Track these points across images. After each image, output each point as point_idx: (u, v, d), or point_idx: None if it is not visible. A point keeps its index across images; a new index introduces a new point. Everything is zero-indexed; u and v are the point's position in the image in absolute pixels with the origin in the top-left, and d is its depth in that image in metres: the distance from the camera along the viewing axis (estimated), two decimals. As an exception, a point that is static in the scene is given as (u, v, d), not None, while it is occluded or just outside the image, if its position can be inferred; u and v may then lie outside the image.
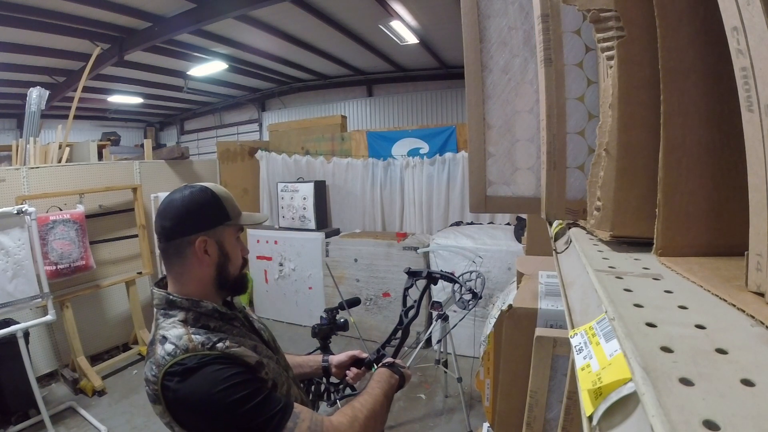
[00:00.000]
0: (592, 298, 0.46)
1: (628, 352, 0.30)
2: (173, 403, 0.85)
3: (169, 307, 0.95)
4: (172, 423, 0.88)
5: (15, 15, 4.69)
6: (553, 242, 0.84)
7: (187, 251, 0.95)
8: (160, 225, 0.96)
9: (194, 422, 0.86)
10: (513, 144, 0.94)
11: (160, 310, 0.96)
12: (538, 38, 0.77)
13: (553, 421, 0.94)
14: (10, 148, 4.06)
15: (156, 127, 13.29)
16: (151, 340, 0.94)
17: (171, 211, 0.95)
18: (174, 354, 0.86)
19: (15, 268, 2.84)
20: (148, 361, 0.91)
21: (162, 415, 0.89)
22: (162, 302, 0.95)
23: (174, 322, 0.92)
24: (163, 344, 0.88)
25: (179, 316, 0.93)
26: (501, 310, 1.25)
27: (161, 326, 0.92)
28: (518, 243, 3.63)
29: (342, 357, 1.40)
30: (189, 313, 0.93)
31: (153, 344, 0.91)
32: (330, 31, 6.15)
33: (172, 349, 0.87)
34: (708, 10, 0.45)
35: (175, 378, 0.84)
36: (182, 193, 0.97)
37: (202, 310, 0.94)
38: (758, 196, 0.34)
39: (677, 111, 0.48)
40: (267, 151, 5.61)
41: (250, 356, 0.91)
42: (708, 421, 0.22)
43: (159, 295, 0.96)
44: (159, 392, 0.86)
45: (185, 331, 0.90)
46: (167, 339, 0.89)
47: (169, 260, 0.97)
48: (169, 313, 0.94)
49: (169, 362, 0.85)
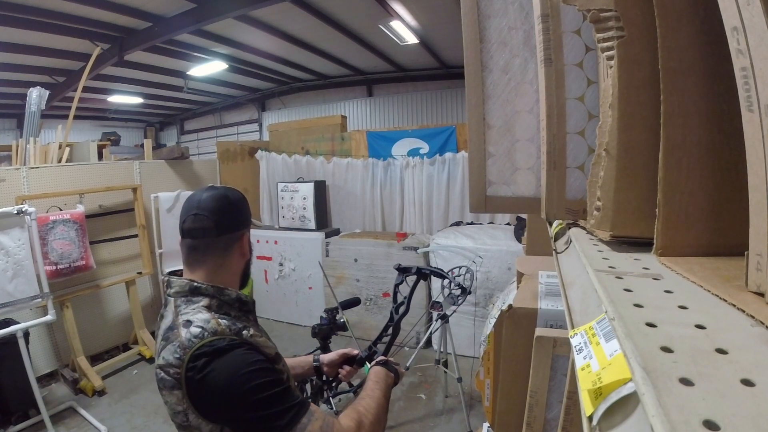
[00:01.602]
0: (592, 298, 0.46)
1: (628, 352, 0.30)
2: (197, 385, 0.85)
3: (192, 294, 0.97)
4: (189, 410, 0.87)
5: (15, 15, 4.69)
6: (553, 242, 0.84)
7: (235, 245, 1.02)
8: (211, 220, 0.98)
9: (215, 405, 0.86)
10: (513, 144, 0.94)
11: (180, 298, 0.97)
12: (538, 38, 0.77)
13: (553, 421, 0.94)
14: (10, 148, 4.06)
15: (156, 127, 13.29)
16: (169, 326, 0.93)
17: (223, 207, 1.00)
18: (202, 336, 0.87)
19: (15, 268, 2.84)
20: (168, 345, 0.90)
21: (178, 402, 0.88)
22: (184, 289, 0.97)
23: (198, 307, 0.94)
24: (188, 327, 0.89)
25: (203, 302, 0.95)
26: (501, 310, 1.25)
27: (183, 312, 0.93)
28: (518, 243, 3.63)
29: (333, 356, 1.42)
30: (213, 300, 0.97)
31: (174, 329, 0.91)
32: (330, 31, 6.15)
33: (199, 332, 0.88)
34: (708, 10, 0.45)
35: (204, 358, 0.85)
36: (223, 191, 1.03)
37: (226, 298, 0.98)
38: (758, 196, 0.34)
39: (677, 111, 0.48)
40: (267, 151, 5.61)
41: (270, 347, 0.95)
42: (708, 421, 0.22)
43: (180, 283, 0.98)
44: (182, 375, 0.86)
45: (211, 316, 0.92)
46: (192, 323, 0.90)
47: (209, 254, 1.00)
48: (193, 300, 0.96)
49: (197, 344, 0.86)
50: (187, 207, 1.01)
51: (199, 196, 1.01)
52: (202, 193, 1.02)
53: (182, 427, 0.91)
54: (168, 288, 1.00)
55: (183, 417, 0.89)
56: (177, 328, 0.91)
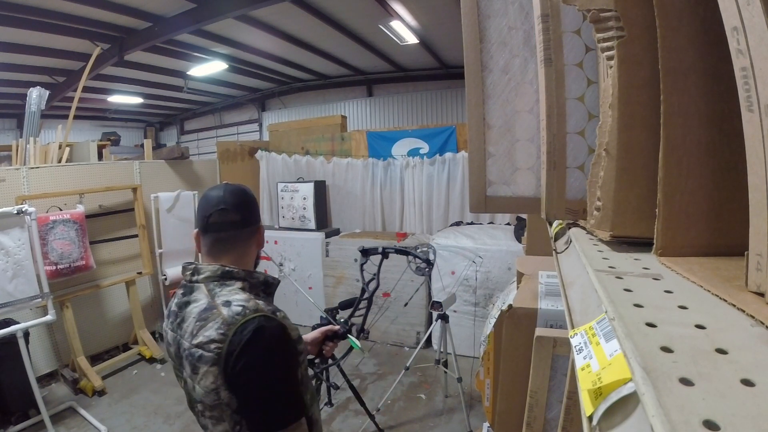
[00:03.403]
0: (592, 298, 0.46)
1: (628, 352, 0.30)
2: (236, 359, 0.90)
3: (224, 278, 1.04)
4: (221, 387, 0.92)
5: (15, 15, 4.69)
6: (553, 242, 0.84)
7: (254, 236, 1.13)
8: (239, 214, 1.08)
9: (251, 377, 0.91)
10: (513, 144, 0.94)
11: (211, 282, 1.03)
12: (538, 38, 0.77)
13: (553, 421, 0.94)
14: (10, 148, 4.06)
15: (156, 127, 13.29)
16: (205, 307, 0.98)
17: (245, 202, 1.11)
18: (244, 314, 0.94)
19: (15, 268, 2.84)
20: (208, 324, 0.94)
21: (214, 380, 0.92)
22: (216, 274, 1.04)
23: (234, 289, 1.02)
24: (228, 306, 0.96)
25: (237, 285, 1.03)
26: (501, 310, 1.25)
27: (220, 294, 1.00)
28: (518, 243, 3.63)
29: (315, 334, 1.51)
30: (245, 282, 1.05)
31: (212, 309, 0.96)
32: (330, 31, 6.15)
33: (240, 309, 0.95)
34: (708, 10, 0.45)
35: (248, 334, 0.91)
36: (242, 188, 1.13)
37: (254, 281, 1.07)
38: (758, 196, 0.34)
39: (677, 111, 0.48)
40: (267, 151, 5.61)
41: (295, 329, 1.02)
42: (708, 421, 0.22)
43: (212, 268, 1.04)
44: (224, 350, 0.91)
45: (248, 296, 1.00)
46: (231, 302, 0.97)
47: (235, 244, 1.09)
48: (226, 283, 1.03)
49: (241, 320, 0.92)
50: (209, 203, 1.08)
51: (220, 192, 1.08)
52: (221, 189, 1.09)
53: (211, 407, 0.95)
54: (195, 275, 1.05)
55: (215, 396, 0.93)
56: (216, 308, 0.96)
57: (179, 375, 1.06)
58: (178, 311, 1.04)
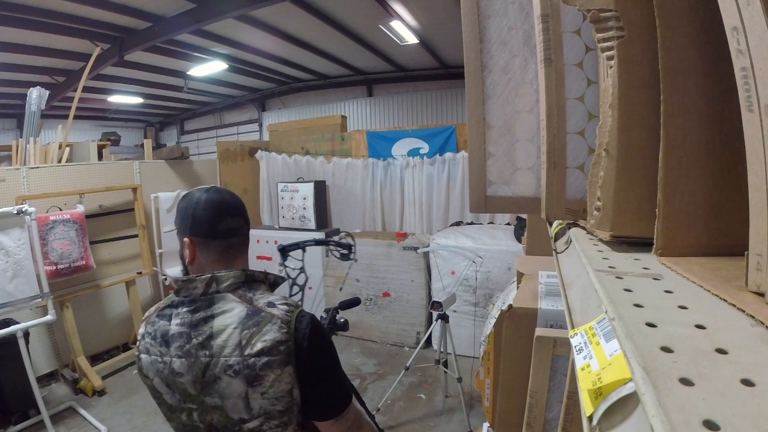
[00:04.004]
0: (592, 298, 0.46)
1: (628, 352, 0.30)
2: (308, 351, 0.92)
3: (249, 282, 1.00)
4: (295, 386, 0.91)
5: (15, 15, 4.69)
6: (553, 242, 0.84)
7: (246, 243, 1.09)
8: (244, 218, 1.06)
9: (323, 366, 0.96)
10: (513, 144, 0.94)
11: (238, 289, 0.97)
12: (538, 38, 0.77)
13: (553, 421, 0.94)
14: (10, 148, 4.06)
15: (156, 127, 13.29)
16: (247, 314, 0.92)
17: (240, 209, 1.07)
18: (292, 310, 0.95)
19: (15, 268, 2.84)
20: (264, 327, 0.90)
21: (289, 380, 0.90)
22: (240, 280, 0.98)
23: (263, 292, 1.00)
24: (274, 307, 0.94)
25: (263, 287, 1.02)
26: (501, 310, 1.25)
27: (256, 297, 0.96)
28: (518, 243, 3.63)
29: None
30: (265, 284, 1.04)
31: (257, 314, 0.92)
32: (330, 31, 6.15)
33: (286, 308, 0.95)
34: (708, 10, 0.45)
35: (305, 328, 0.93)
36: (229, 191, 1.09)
37: (270, 281, 1.06)
38: (758, 196, 0.34)
39: (677, 111, 0.48)
40: (267, 151, 5.61)
41: None
42: (708, 421, 0.22)
43: (235, 274, 0.98)
44: (292, 347, 0.90)
45: (279, 295, 1.00)
46: (274, 303, 0.95)
47: (243, 248, 1.07)
48: (254, 287, 1.00)
49: (294, 315, 0.94)
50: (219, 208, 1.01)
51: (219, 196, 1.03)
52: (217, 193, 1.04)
53: (281, 413, 0.91)
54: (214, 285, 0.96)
55: (288, 398, 0.91)
56: (263, 311, 0.93)
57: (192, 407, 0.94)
58: (190, 330, 0.93)
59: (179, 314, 0.96)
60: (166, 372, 0.94)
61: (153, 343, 0.97)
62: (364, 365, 3.94)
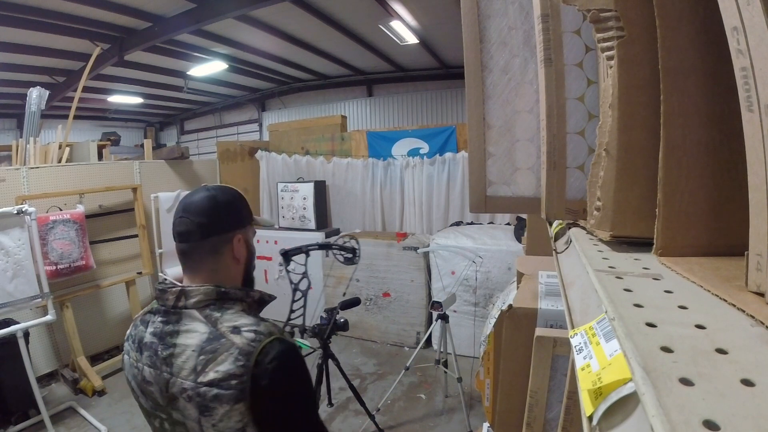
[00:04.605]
0: (592, 298, 0.46)
1: (628, 352, 0.30)
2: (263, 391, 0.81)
3: (221, 301, 0.90)
4: (248, 426, 0.82)
5: (15, 15, 4.69)
6: (553, 242, 0.84)
7: (225, 248, 0.95)
8: (195, 223, 0.92)
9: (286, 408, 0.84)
10: (513, 144, 0.94)
11: (206, 307, 0.89)
12: (538, 38, 0.77)
13: (553, 421, 0.94)
14: (10, 148, 4.06)
15: (156, 127, 13.29)
16: (207, 338, 0.85)
17: (207, 208, 0.94)
18: (259, 340, 0.83)
19: (15, 268, 2.84)
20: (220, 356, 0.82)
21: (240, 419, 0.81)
22: (211, 296, 0.90)
23: (235, 313, 0.89)
24: (238, 334, 0.84)
25: (238, 307, 0.91)
26: (501, 310, 1.25)
27: (222, 320, 0.87)
28: (518, 243, 3.63)
29: None
30: (244, 303, 0.93)
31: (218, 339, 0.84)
32: (330, 31, 6.15)
33: (253, 336, 0.84)
34: (708, 10, 0.45)
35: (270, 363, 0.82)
36: (212, 192, 0.97)
37: (250, 300, 0.95)
38: (758, 196, 0.34)
39: (677, 111, 0.48)
40: (267, 151, 5.61)
41: None
42: (708, 421, 0.22)
43: (206, 290, 0.90)
44: (247, 383, 0.80)
45: (255, 319, 0.89)
46: (240, 328, 0.85)
47: (201, 258, 0.94)
48: (224, 306, 0.90)
49: (259, 347, 0.82)
50: (179, 210, 0.95)
51: (188, 198, 0.96)
52: (192, 194, 0.97)
53: None
54: (183, 299, 0.89)
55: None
56: (225, 337, 0.83)
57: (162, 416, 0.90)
58: (159, 342, 0.88)
59: (153, 323, 0.92)
60: (140, 378, 0.91)
61: (132, 347, 0.94)
62: (364, 365, 3.94)
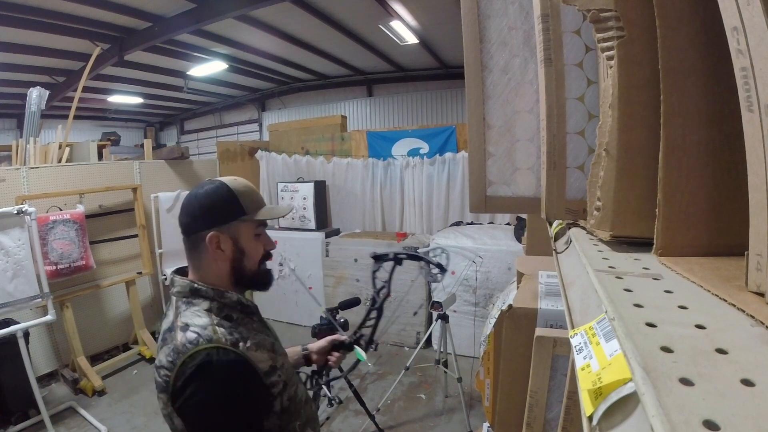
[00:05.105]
0: (592, 298, 0.46)
1: (628, 352, 0.30)
2: (179, 393, 0.84)
3: (192, 296, 0.94)
4: (173, 414, 0.87)
5: (15, 15, 4.69)
6: (553, 242, 0.84)
7: (201, 246, 0.96)
8: (180, 220, 0.99)
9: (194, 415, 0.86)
10: (513, 144, 0.94)
11: (181, 298, 0.95)
12: (538, 38, 0.77)
13: (553, 421, 0.94)
14: (10, 148, 4.06)
15: (156, 127, 13.28)
16: (169, 327, 0.92)
17: (188, 207, 0.97)
18: (196, 342, 0.86)
19: (15, 268, 2.84)
20: (165, 347, 0.89)
21: (165, 406, 0.88)
22: (185, 290, 0.95)
23: (198, 311, 0.92)
24: (185, 332, 0.88)
25: (204, 306, 0.93)
26: (501, 310, 1.25)
27: (183, 314, 0.91)
28: (518, 243, 3.63)
29: (322, 343, 1.42)
30: (213, 302, 0.94)
31: (172, 331, 0.90)
32: (330, 31, 6.15)
33: (194, 337, 0.86)
34: (708, 10, 0.45)
35: (192, 369, 0.84)
36: (200, 190, 0.99)
37: (226, 301, 0.95)
38: (758, 196, 0.34)
39: (677, 111, 0.48)
40: (267, 151, 5.61)
41: (264, 361, 0.92)
42: (708, 421, 0.22)
43: (182, 283, 0.96)
44: (171, 380, 0.85)
45: (210, 321, 0.90)
46: (189, 327, 0.88)
47: (189, 253, 0.99)
48: (193, 302, 0.93)
49: (191, 351, 0.85)
50: None
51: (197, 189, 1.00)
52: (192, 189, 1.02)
53: (171, 429, 0.92)
54: (171, 287, 0.99)
55: (169, 421, 0.90)
56: (175, 330, 0.89)
57: None
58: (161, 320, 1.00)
59: None
60: None
61: None
62: (364, 365, 3.94)
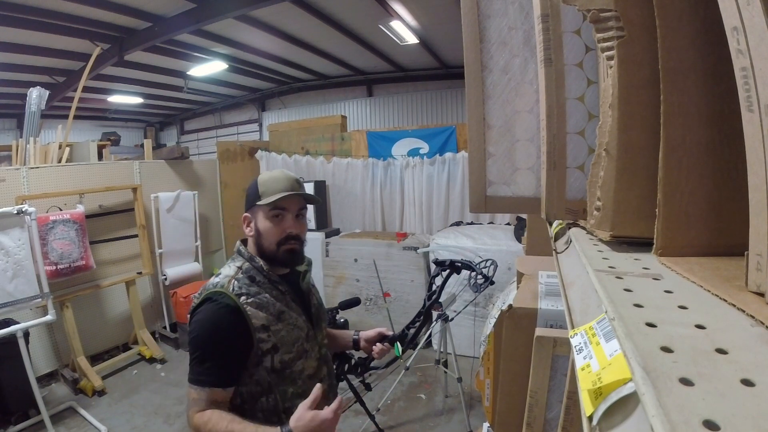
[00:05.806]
0: (592, 298, 0.46)
1: (628, 352, 0.30)
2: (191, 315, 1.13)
3: (237, 254, 1.23)
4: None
5: (15, 15, 4.69)
6: (553, 242, 0.84)
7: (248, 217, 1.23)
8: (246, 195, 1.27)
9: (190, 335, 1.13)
10: (513, 144, 0.94)
11: (233, 255, 1.24)
12: (538, 38, 0.77)
13: (553, 421, 0.94)
14: (10, 148, 4.06)
15: (156, 127, 13.28)
16: None
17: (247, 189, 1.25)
18: (215, 285, 1.14)
19: (15, 268, 2.84)
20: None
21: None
22: (235, 250, 1.25)
23: (233, 265, 1.20)
24: (216, 277, 1.17)
25: (238, 263, 1.20)
26: (501, 310, 1.25)
27: (225, 265, 1.22)
28: (518, 243, 3.62)
29: (371, 333, 1.55)
30: (246, 263, 1.20)
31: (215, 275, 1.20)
32: (330, 31, 6.15)
33: (216, 281, 1.15)
34: (708, 10, 0.45)
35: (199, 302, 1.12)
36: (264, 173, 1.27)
37: (255, 264, 1.19)
38: (758, 196, 0.34)
39: (677, 111, 0.48)
40: (267, 151, 5.61)
41: (259, 318, 1.12)
42: (708, 421, 0.22)
43: (237, 245, 1.25)
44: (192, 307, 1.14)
45: (233, 274, 1.16)
46: (220, 274, 1.18)
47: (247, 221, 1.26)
48: (235, 259, 1.22)
49: (209, 290, 1.13)
50: None
51: None
52: None
53: None
54: None
55: None
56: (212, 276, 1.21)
57: None
58: None
59: None
60: None
61: None
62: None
